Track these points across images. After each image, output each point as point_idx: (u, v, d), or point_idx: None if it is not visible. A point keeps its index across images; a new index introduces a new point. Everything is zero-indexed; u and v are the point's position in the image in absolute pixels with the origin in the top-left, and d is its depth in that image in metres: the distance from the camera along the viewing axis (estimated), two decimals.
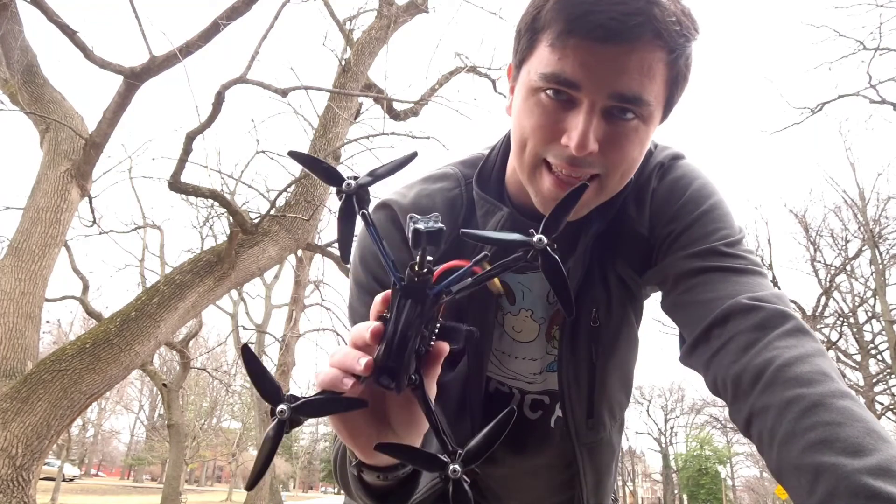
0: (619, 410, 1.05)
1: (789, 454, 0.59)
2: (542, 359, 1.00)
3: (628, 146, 0.74)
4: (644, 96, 0.71)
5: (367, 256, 0.92)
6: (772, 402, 0.63)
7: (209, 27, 5.00)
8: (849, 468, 0.52)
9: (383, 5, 7.14)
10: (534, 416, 1.03)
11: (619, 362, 0.98)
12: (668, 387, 40.95)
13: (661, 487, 44.55)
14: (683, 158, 0.93)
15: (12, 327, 4.66)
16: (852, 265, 16.70)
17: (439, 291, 0.49)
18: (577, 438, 0.98)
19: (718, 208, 0.86)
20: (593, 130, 0.71)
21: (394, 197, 0.93)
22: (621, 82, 0.69)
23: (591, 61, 0.69)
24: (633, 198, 0.89)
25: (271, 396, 0.48)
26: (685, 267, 0.82)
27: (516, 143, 0.79)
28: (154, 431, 31.92)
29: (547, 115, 0.74)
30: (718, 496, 39.46)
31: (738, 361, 0.70)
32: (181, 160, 5.01)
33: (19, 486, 3.96)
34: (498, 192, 0.92)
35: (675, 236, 0.85)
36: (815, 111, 12.18)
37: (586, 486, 1.02)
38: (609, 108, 0.71)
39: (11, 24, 5.32)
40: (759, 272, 0.80)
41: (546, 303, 0.96)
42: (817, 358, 0.66)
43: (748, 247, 0.84)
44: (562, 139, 0.73)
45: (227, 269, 5.16)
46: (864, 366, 15.49)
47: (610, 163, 0.75)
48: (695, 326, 0.78)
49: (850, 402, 0.59)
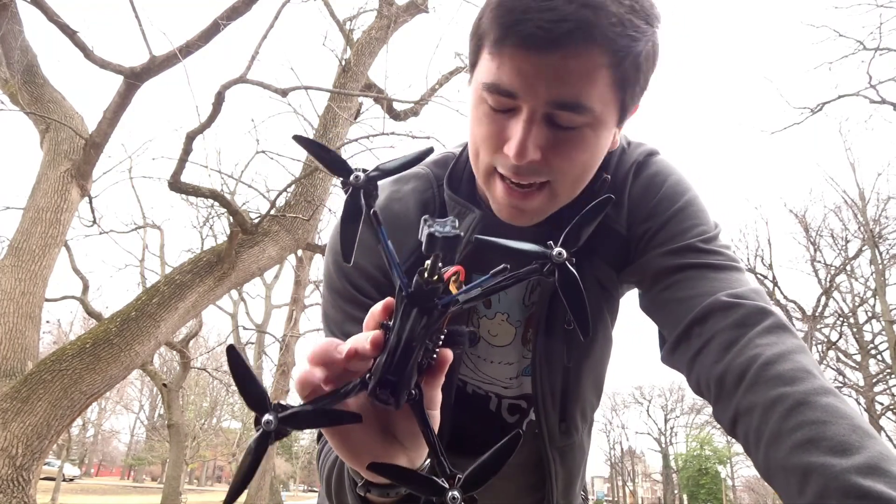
0: (590, 412, 1.04)
1: (776, 454, 0.59)
2: (518, 363, 0.98)
3: (575, 153, 0.73)
4: (584, 102, 0.68)
5: (341, 260, 0.89)
6: (756, 402, 0.63)
7: (209, 27, 5.01)
8: (837, 468, 0.53)
9: (383, 5, 7.14)
10: (511, 420, 1.03)
11: (593, 364, 0.97)
12: (668, 387, 40.99)
13: (661, 487, 44.57)
14: (658, 154, 0.92)
15: (12, 327, 4.66)
16: (852, 265, 16.73)
17: (448, 302, 0.45)
18: (549, 441, 0.97)
19: (693, 204, 0.86)
20: (532, 139, 0.69)
21: None
22: (558, 90, 0.67)
23: (526, 69, 0.67)
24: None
25: (257, 404, 0.43)
26: (663, 264, 0.81)
27: (471, 152, 0.79)
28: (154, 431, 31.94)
29: (492, 124, 0.73)
30: (718, 496, 39.46)
31: (720, 361, 0.69)
32: (181, 160, 5.01)
33: (19, 486, 3.96)
34: (469, 193, 0.90)
35: (652, 234, 0.85)
36: (815, 111, 12.19)
37: (556, 488, 1.01)
38: (550, 114, 0.70)
39: (11, 24, 5.33)
40: (736, 268, 0.80)
41: (522, 305, 0.95)
42: (798, 354, 0.65)
43: (725, 242, 0.84)
44: (504, 148, 0.72)
45: (227, 269, 5.16)
46: (864, 366, 15.49)
47: (557, 170, 0.73)
48: (675, 325, 0.77)
49: (833, 398, 0.59)
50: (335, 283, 0.89)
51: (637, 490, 45.84)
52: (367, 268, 0.88)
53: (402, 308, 0.45)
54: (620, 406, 43.34)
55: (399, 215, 0.88)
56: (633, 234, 0.87)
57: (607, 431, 44.60)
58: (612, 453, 45.00)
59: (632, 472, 45.13)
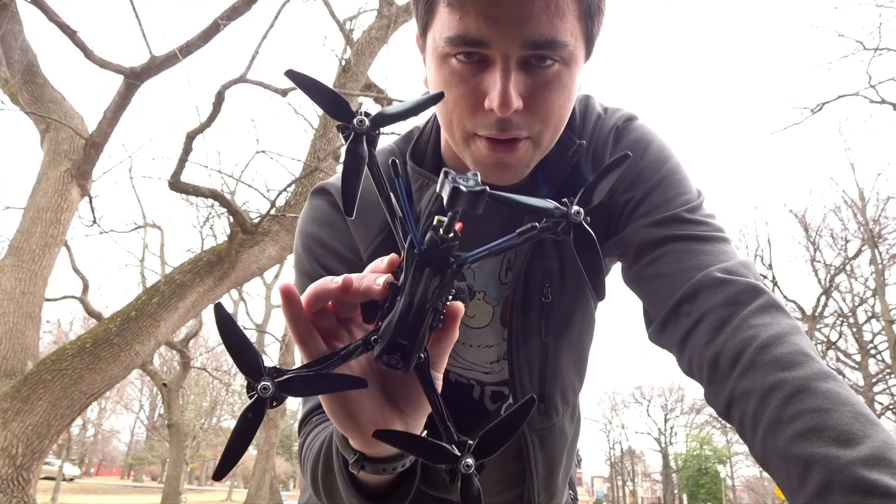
0: (572, 394, 0.99)
1: (776, 443, 0.57)
2: (498, 346, 0.93)
3: (553, 95, 0.70)
4: (558, 38, 0.66)
5: (310, 242, 0.87)
6: (753, 387, 0.61)
7: (209, 27, 5.01)
8: (842, 460, 0.51)
9: (383, 5, 7.14)
10: (492, 408, 0.98)
11: (572, 342, 0.92)
12: (668, 387, 40.98)
13: (660, 487, 44.56)
14: (637, 119, 0.89)
15: (12, 327, 4.66)
16: (852, 265, 16.73)
17: (464, 261, 0.42)
18: (527, 424, 0.91)
19: (676, 172, 0.83)
20: (513, 86, 0.66)
21: (331, 181, 0.89)
22: (530, 28, 0.64)
23: (493, 13, 0.64)
24: (590, 161, 0.85)
25: (250, 369, 0.40)
26: (647, 236, 0.78)
27: (443, 119, 0.75)
28: (154, 431, 31.92)
29: (463, 83, 0.69)
30: (718, 496, 39.46)
31: (713, 342, 0.67)
32: (181, 160, 5.01)
33: (19, 486, 3.96)
34: (434, 164, 0.87)
35: (635, 204, 0.82)
36: (815, 111, 12.19)
37: (537, 476, 0.96)
38: (525, 58, 0.67)
39: (11, 24, 5.32)
40: (722, 238, 0.77)
41: (499, 283, 0.90)
42: (795, 336, 0.63)
43: (709, 211, 0.81)
44: (484, 103, 0.68)
45: (227, 268, 5.16)
46: (863, 366, 15.49)
47: (539, 117, 0.70)
48: (662, 303, 0.75)
49: (833, 383, 0.57)
50: (304, 266, 0.87)
51: (637, 490, 45.84)
52: (337, 248, 0.86)
53: (413, 267, 0.42)
54: (620, 406, 43.37)
55: (364, 193, 0.86)
56: (615, 204, 0.84)
57: (607, 431, 44.65)
58: (611, 453, 45.02)
59: (631, 471, 45.12)
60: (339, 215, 0.87)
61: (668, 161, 0.84)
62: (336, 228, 0.86)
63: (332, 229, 0.87)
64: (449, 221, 0.40)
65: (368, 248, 0.85)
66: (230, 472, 0.42)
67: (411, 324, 0.42)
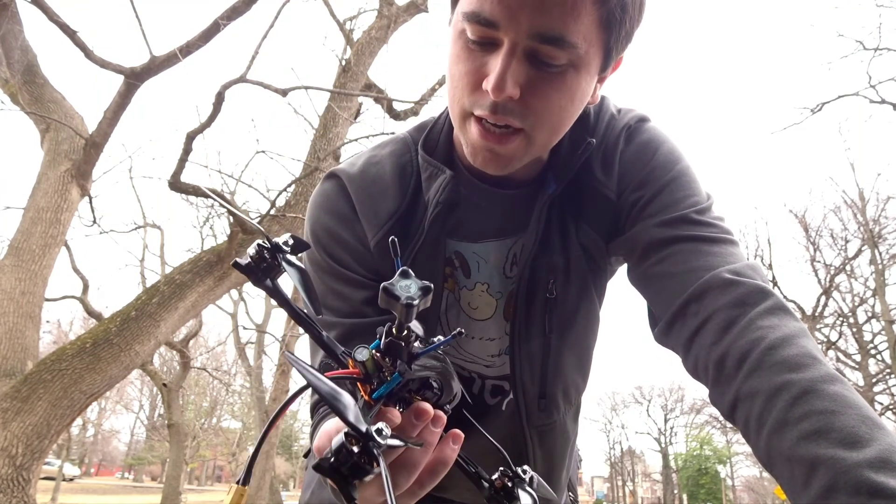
0: (574, 393, 0.98)
1: (781, 444, 0.57)
2: (500, 339, 0.93)
3: (554, 94, 0.70)
4: (568, 37, 0.65)
5: (318, 229, 0.88)
6: (759, 388, 0.60)
7: (209, 27, 5.00)
8: (848, 462, 0.50)
9: (383, 5, 7.14)
10: (492, 402, 0.98)
11: (575, 339, 0.92)
12: (668, 387, 40.98)
13: (660, 487, 44.55)
14: (650, 121, 0.89)
15: (12, 327, 4.66)
16: (852, 265, 16.73)
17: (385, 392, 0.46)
18: (527, 420, 0.92)
19: (686, 174, 0.83)
20: (512, 73, 0.67)
21: (343, 166, 0.90)
22: (541, 20, 0.64)
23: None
24: (601, 159, 0.85)
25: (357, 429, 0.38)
26: (655, 236, 0.78)
27: (450, 97, 0.76)
28: (154, 431, 31.91)
29: (471, 60, 0.70)
30: (718, 496, 39.46)
31: (719, 342, 0.67)
32: (181, 160, 5.01)
33: (19, 486, 3.96)
34: (446, 154, 0.87)
35: (644, 203, 0.82)
36: (815, 111, 12.20)
37: None
38: (532, 50, 0.67)
39: (11, 23, 5.32)
40: (730, 240, 0.77)
41: (503, 276, 0.90)
42: (802, 339, 0.63)
43: (718, 213, 0.81)
44: (483, 83, 0.69)
45: (227, 268, 5.16)
46: (863, 366, 15.50)
47: (534, 113, 0.70)
48: (669, 302, 0.74)
49: (840, 386, 0.57)
50: (314, 255, 0.88)
51: (637, 490, 45.83)
52: (343, 237, 0.87)
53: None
54: (620, 406, 43.37)
55: (375, 179, 0.87)
56: (623, 202, 0.84)
57: (607, 431, 44.65)
58: (611, 453, 45.01)
59: (631, 471, 45.11)
60: (346, 202, 0.88)
61: (678, 163, 0.84)
62: (343, 216, 0.87)
63: (338, 217, 0.88)
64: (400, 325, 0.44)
65: (376, 235, 0.85)
66: None
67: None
